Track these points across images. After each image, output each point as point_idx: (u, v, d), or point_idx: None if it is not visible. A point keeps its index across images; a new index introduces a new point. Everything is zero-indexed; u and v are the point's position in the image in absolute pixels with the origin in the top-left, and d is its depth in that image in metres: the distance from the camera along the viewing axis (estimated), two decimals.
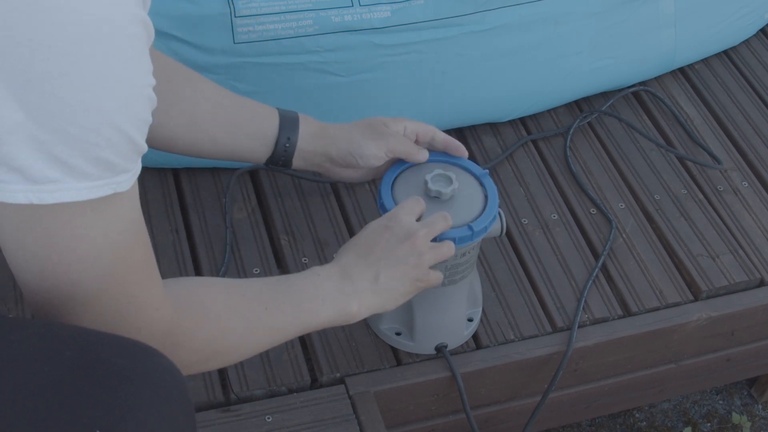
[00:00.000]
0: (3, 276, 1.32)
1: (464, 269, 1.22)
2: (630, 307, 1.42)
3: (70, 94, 0.69)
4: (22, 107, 0.68)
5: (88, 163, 0.72)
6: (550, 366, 1.36)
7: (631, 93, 1.75)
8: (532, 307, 1.39)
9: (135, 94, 0.74)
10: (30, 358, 0.77)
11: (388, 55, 1.48)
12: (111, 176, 0.74)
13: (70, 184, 0.72)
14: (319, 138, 1.21)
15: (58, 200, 0.72)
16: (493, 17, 1.53)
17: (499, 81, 1.59)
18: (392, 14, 1.46)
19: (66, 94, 0.69)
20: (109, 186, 0.74)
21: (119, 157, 0.74)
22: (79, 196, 0.73)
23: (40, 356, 0.77)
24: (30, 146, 0.70)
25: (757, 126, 1.73)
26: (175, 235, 1.41)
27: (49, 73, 0.68)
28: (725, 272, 1.47)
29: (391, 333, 1.30)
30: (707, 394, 1.77)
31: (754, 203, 1.59)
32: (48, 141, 0.70)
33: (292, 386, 1.26)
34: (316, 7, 1.43)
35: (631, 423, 1.71)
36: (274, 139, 1.18)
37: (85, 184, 0.73)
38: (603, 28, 1.64)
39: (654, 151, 1.65)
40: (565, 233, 1.50)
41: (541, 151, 1.63)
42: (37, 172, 0.71)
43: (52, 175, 0.71)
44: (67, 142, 0.70)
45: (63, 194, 0.72)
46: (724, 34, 1.83)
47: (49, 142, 0.70)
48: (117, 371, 0.76)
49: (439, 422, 1.36)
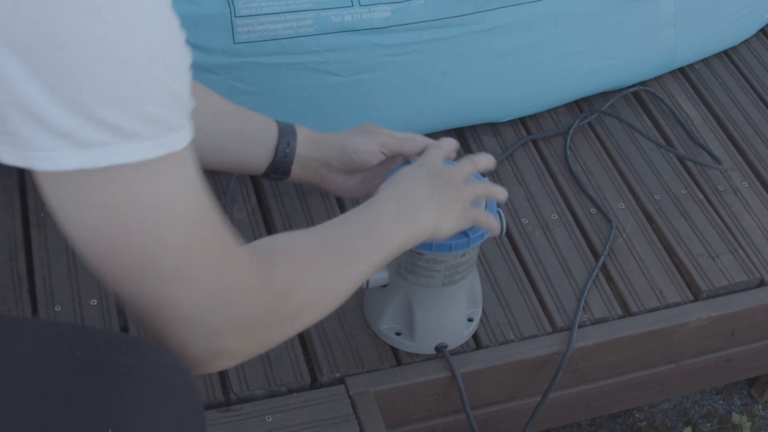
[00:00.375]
0: (3, 276, 1.32)
1: (464, 269, 1.22)
2: (630, 307, 1.42)
3: (101, 50, 0.66)
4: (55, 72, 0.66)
5: (134, 121, 0.69)
6: (550, 366, 1.36)
7: (631, 93, 1.75)
8: (532, 307, 1.39)
9: (168, 44, 0.71)
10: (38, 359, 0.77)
11: (388, 55, 1.48)
12: (162, 134, 0.70)
13: (120, 146, 0.69)
14: (316, 143, 1.22)
15: (109, 162, 0.69)
16: (493, 17, 1.53)
17: (499, 81, 1.59)
18: (392, 14, 1.46)
19: (96, 51, 0.66)
20: (163, 145, 0.71)
21: (165, 111, 0.70)
22: (131, 158, 0.69)
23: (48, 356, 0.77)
24: (71, 110, 0.67)
25: (757, 126, 1.73)
26: None
27: (77, 31, 0.66)
28: (725, 272, 1.47)
29: (391, 333, 1.30)
30: (707, 394, 1.77)
31: (754, 203, 1.59)
32: (88, 103, 0.67)
33: (292, 386, 1.26)
34: (316, 7, 1.43)
35: (631, 423, 1.71)
36: (275, 146, 1.18)
37: (137, 145, 0.69)
38: (603, 28, 1.64)
39: (654, 151, 1.65)
40: (565, 233, 1.50)
41: (541, 151, 1.63)
42: (83, 136, 0.67)
43: (99, 138, 0.68)
44: (108, 102, 0.67)
45: (114, 156, 0.69)
46: (724, 34, 1.83)
47: (89, 104, 0.67)
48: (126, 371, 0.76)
49: (439, 422, 1.36)
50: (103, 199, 0.71)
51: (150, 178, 0.72)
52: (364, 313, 1.34)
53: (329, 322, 1.33)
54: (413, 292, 1.24)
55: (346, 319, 1.34)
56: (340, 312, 1.34)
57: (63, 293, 1.32)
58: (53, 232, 1.39)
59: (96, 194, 0.71)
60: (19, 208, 1.43)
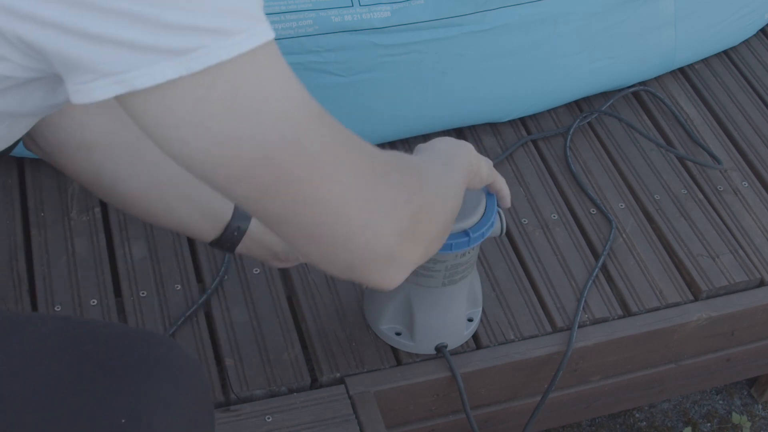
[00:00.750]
0: (3, 276, 1.32)
1: (464, 269, 1.22)
2: (630, 307, 1.42)
3: None
4: None
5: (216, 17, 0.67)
6: (550, 366, 1.36)
7: (631, 93, 1.75)
8: (532, 307, 1.39)
9: None
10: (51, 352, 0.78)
11: (388, 55, 1.48)
12: (249, 26, 0.68)
13: (212, 46, 0.67)
14: (268, 234, 1.16)
15: (206, 64, 0.67)
16: (493, 17, 1.53)
17: (499, 81, 1.59)
18: (392, 14, 1.46)
19: None
20: (254, 36, 0.68)
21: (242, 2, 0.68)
22: (227, 54, 0.67)
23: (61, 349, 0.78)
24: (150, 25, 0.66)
25: (757, 126, 1.73)
26: (175, 235, 1.41)
27: None
28: (725, 272, 1.47)
29: (391, 333, 1.30)
30: (707, 394, 1.77)
31: (754, 203, 1.59)
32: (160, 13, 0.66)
33: (292, 386, 1.26)
34: (316, 7, 1.43)
35: (631, 423, 1.71)
36: (225, 225, 1.12)
37: (228, 41, 0.67)
38: (603, 28, 1.64)
39: (654, 151, 1.65)
40: (565, 233, 1.50)
41: (541, 151, 1.63)
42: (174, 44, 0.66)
43: (189, 43, 0.66)
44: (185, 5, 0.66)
45: (209, 57, 0.67)
46: (724, 34, 1.83)
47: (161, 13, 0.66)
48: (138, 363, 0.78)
49: (439, 422, 1.36)
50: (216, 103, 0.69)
51: (253, 70, 0.69)
52: (364, 313, 1.34)
53: (329, 322, 1.33)
54: (413, 292, 1.24)
55: (346, 319, 1.34)
56: (340, 312, 1.34)
57: (63, 293, 1.32)
58: (53, 232, 1.39)
59: (207, 101, 0.69)
60: (19, 208, 1.43)
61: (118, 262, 1.38)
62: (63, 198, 1.44)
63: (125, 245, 1.39)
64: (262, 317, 1.33)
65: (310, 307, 1.35)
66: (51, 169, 1.47)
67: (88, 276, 1.35)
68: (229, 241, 1.13)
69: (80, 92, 0.69)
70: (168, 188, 1.08)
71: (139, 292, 1.34)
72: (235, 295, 1.35)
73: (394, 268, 0.81)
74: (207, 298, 1.34)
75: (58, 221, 1.41)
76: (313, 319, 1.34)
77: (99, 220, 1.42)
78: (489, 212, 1.18)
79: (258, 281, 1.37)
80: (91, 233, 1.40)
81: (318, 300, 1.36)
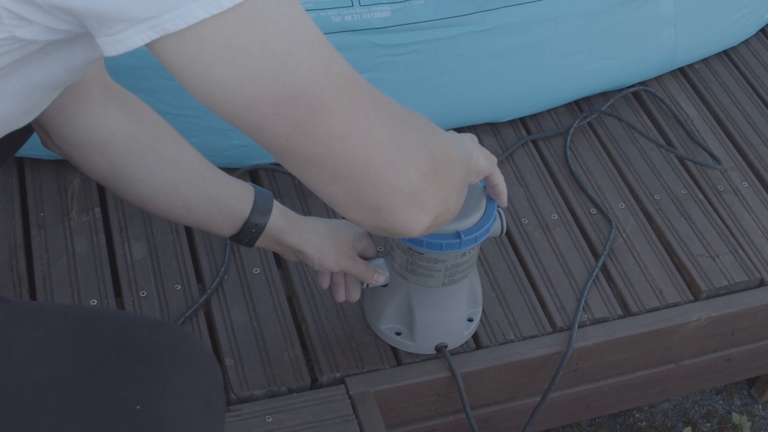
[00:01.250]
0: (3, 276, 1.32)
1: (464, 269, 1.22)
2: (630, 307, 1.42)
3: None
4: None
5: None
6: (550, 366, 1.36)
7: (631, 93, 1.75)
8: (532, 307, 1.39)
9: None
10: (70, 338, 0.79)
11: (388, 55, 1.48)
12: None
13: None
14: (286, 234, 1.18)
15: (235, 1, 0.68)
16: (493, 17, 1.53)
17: (499, 81, 1.59)
18: (392, 14, 1.46)
19: None
20: None
21: None
22: None
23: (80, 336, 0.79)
24: None
25: (757, 126, 1.73)
26: (175, 235, 1.41)
27: None
28: (725, 272, 1.47)
29: (391, 333, 1.30)
30: (707, 394, 1.77)
31: (754, 203, 1.59)
32: None
33: (292, 386, 1.26)
34: (316, 7, 1.43)
35: (631, 423, 1.71)
36: (243, 222, 1.14)
37: None
38: (603, 28, 1.64)
39: (654, 151, 1.65)
40: (565, 233, 1.50)
41: (541, 151, 1.63)
42: None
43: None
44: None
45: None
46: (724, 34, 1.83)
47: None
48: (154, 350, 0.79)
49: (439, 422, 1.36)
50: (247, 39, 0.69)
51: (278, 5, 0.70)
52: (364, 313, 1.34)
53: (329, 322, 1.33)
54: (413, 292, 1.24)
55: (346, 319, 1.34)
56: (340, 312, 1.34)
57: (63, 293, 1.32)
58: (53, 232, 1.39)
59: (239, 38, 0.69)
60: (19, 208, 1.43)
61: (118, 262, 1.38)
62: (63, 198, 1.44)
63: (125, 245, 1.39)
64: (262, 317, 1.33)
65: (310, 307, 1.35)
66: (51, 169, 1.47)
67: (88, 276, 1.35)
68: (247, 237, 1.15)
69: (112, 43, 0.69)
70: (185, 187, 1.10)
71: (139, 292, 1.34)
72: (235, 295, 1.35)
73: (418, 209, 0.82)
74: (207, 298, 1.34)
75: (58, 221, 1.41)
76: (313, 319, 1.34)
77: (99, 220, 1.42)
78: (487, 216, 1.17)
79: (258, 281, 1.37)
80: (91, 233, 1.40)
81: (318, 300, 1.36)
